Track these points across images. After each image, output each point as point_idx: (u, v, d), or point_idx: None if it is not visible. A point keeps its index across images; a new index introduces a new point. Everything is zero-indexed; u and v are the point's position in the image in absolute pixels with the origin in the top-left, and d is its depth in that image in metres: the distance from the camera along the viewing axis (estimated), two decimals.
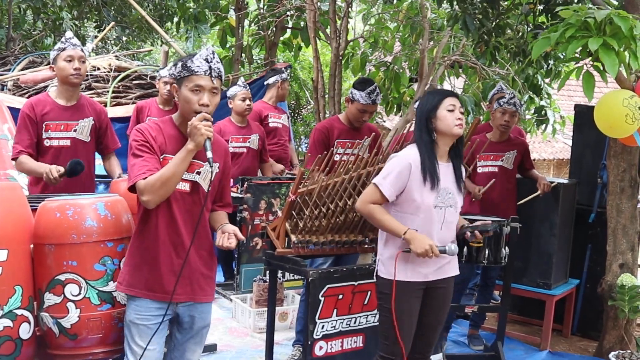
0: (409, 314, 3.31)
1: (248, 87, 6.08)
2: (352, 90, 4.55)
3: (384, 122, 14.48)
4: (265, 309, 4.51)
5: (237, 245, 3.02)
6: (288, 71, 6.74)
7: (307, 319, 3.85)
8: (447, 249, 3.26)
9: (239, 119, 6.05)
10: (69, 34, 4.28)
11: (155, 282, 2.87)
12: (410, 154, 3.31)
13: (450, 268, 3.44)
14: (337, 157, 4.45)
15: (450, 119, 3.28)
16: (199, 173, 2.91)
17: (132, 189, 2.79)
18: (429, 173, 3.25)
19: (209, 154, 2.78)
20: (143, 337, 2.88)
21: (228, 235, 2.90)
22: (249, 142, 6.06)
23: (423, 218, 3.27)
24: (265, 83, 6.86)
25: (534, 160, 14.35)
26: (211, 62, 2.85)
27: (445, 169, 3.35)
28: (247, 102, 5.99)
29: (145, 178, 2.73)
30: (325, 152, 4.04)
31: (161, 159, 2.84)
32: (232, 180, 5.80)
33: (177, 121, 2.95)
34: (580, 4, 5.02)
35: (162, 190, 2.74)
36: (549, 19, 5.50)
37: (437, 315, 3.44)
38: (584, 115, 5.69)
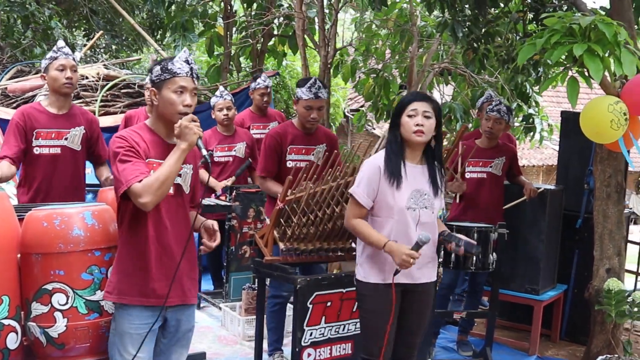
0: (387, 316, 3.28)
1: (226, 97, 6.03)
2: (296, 91, 4.46)
3: (374, 129, 14.51)
4: (254, 317, 4.50)
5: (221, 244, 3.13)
6: (266, 81, 6.56)
7: (295, 326, 3.86)
8: (418, 240, 3.13)
9: (223, 128, 6.06)
10: (60, 43, 4.27)
11: (148, 288, 2.87)
12: (379, 157, 3.34)
13: (426, 274, 3.40)
14: (290, 164, 4.39)
15: (409, 125, 3.26)
16: (180, 175, 2.94)
17: (124, 194, 2.78)
18: (391, 172, 3.25)
19: (204, 152, 2.86)
20: (135, 346, 2.87)
21: (213, 236, 3.03)
22: (234, 150, 6.06)
23: (397, 220, 3.27)
24: None
25: (523, 166, 14.42)
26: (191, 63, 2.93)
27: (416, 171, 3.34)
28: (225, 111, 5.97)
29: (140, 181, 2.73)
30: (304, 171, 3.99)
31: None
32: (220, 189, 5.83)
33: (153, 126, 2.96)
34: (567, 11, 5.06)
35: (160, 191, 2.76)
36: (539, 27, 5.54)
37: (417, 320, 3.43)
38: (570, 122, 5.73)
